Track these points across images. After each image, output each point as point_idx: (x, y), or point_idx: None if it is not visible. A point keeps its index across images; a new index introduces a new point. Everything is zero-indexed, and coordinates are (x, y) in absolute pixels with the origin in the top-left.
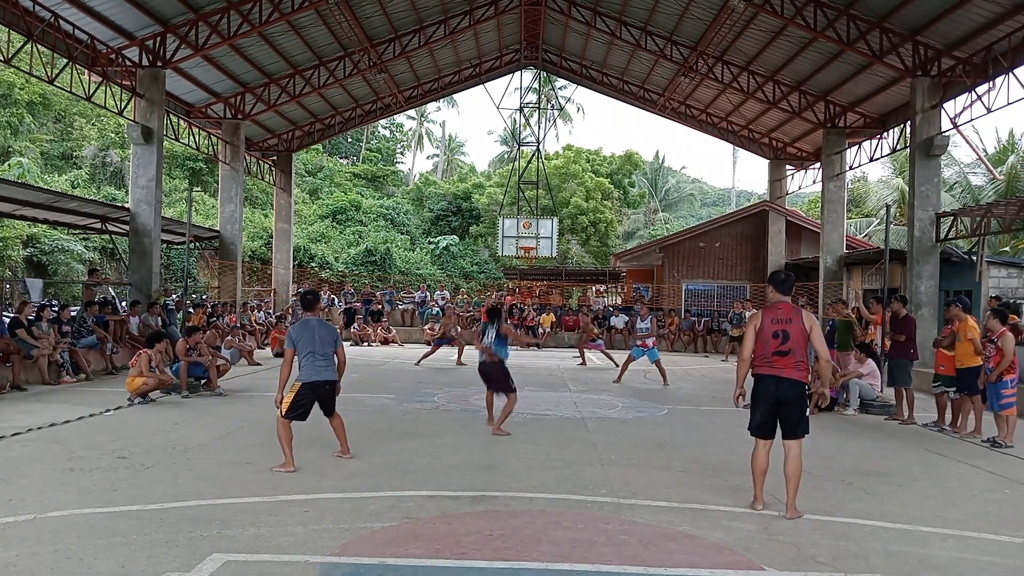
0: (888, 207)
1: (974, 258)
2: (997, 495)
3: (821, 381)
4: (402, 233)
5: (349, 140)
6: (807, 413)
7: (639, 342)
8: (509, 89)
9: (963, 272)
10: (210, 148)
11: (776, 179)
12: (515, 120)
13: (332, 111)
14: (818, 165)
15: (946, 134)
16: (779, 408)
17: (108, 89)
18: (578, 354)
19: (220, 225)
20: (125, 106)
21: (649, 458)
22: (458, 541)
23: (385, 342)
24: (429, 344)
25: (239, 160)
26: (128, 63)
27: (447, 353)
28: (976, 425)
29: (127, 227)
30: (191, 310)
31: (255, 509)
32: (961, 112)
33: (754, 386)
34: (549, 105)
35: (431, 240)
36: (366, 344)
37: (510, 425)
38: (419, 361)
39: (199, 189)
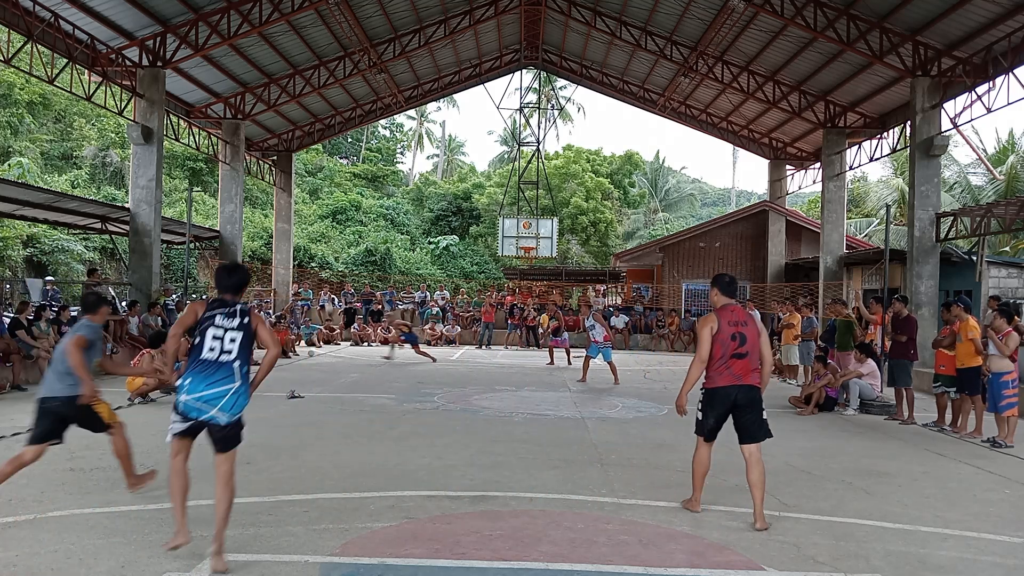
0: (888, 207)
1: (974, 258)
2: (997, 495)
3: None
4: (402, 233)
5: (349, 140)
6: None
7: (592, 339)
8: (509, 89)
9: (963, 272)
10: (210, 148)
11: (776, 179)
12: (515, 120)
13: (332, 111)
14: (818, 165)
15: (946, 134)
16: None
17: (108, 89)
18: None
19: (220, 225)
20: (125, 106)
21: (649, 458)
22: (458, 541)
23: (385, 342)
24: (430, 343)
25: (239, 160)
26: (128, 63)
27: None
28: (977, 425)
29: (127, 227)
30: None
31: (255, 509)
32: (961, 112)
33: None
34: (549, 105)
35: (431, 240)
36: (366, 344)
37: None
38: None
39: (199, 189)
